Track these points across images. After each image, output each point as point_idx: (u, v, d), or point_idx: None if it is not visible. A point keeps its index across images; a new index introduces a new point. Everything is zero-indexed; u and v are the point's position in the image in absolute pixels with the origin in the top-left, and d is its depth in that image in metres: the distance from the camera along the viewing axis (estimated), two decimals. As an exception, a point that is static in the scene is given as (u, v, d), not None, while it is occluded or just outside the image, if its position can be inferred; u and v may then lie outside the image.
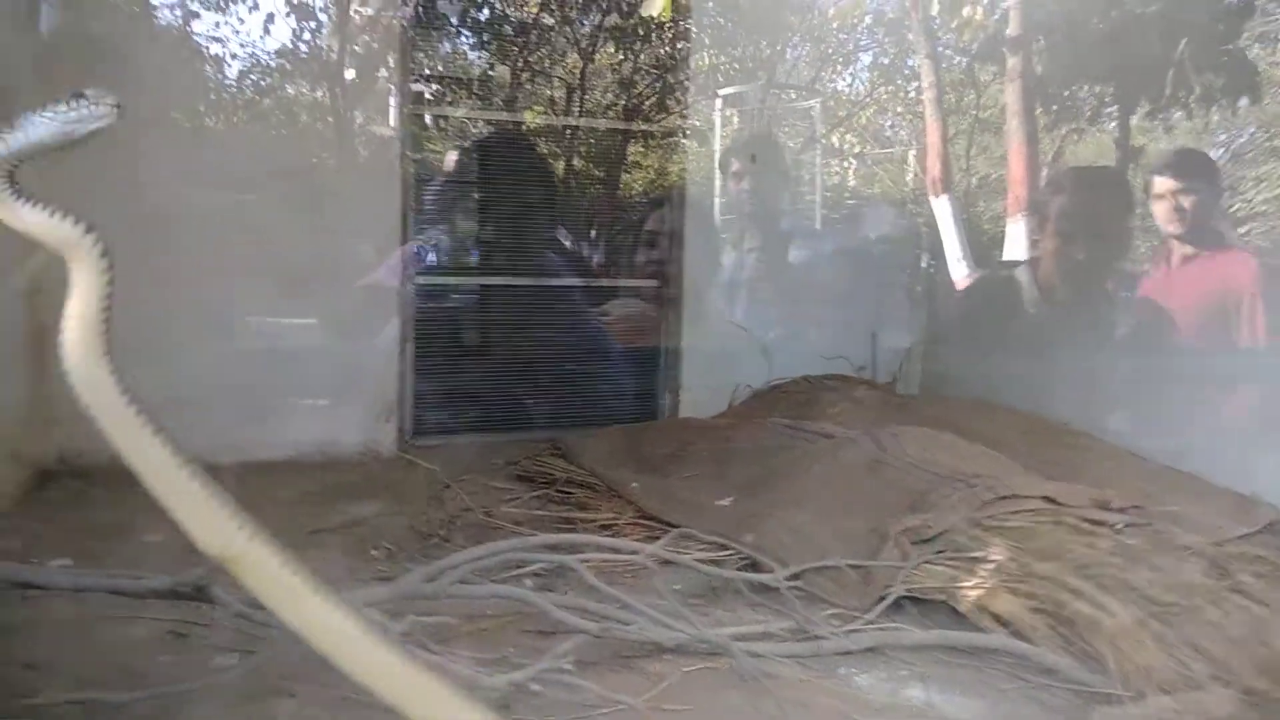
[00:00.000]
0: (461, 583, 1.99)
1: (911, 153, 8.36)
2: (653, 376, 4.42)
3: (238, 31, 4.17)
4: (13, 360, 3.27)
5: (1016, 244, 5.58)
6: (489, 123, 4.84)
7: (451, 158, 4.27)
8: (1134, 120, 6.01)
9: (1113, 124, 6.58)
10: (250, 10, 4.17)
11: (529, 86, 5.09)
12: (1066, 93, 6.90)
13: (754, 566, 2.71)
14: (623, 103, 5.15)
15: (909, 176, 8.45)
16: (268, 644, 2.11)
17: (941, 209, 5.63)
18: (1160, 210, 4.11)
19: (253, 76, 4.51)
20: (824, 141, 7.16)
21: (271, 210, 3.79)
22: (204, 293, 3.61)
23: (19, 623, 2.31)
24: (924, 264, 5.39)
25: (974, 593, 2.43)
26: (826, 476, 3.06)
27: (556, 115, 4.89)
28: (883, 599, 2.49)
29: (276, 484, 3.46)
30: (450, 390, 4.14)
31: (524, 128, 4.66)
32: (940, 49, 6.71)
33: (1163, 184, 4.16)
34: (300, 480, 3.59)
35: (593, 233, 4.47)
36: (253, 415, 3.67)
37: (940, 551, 2.58)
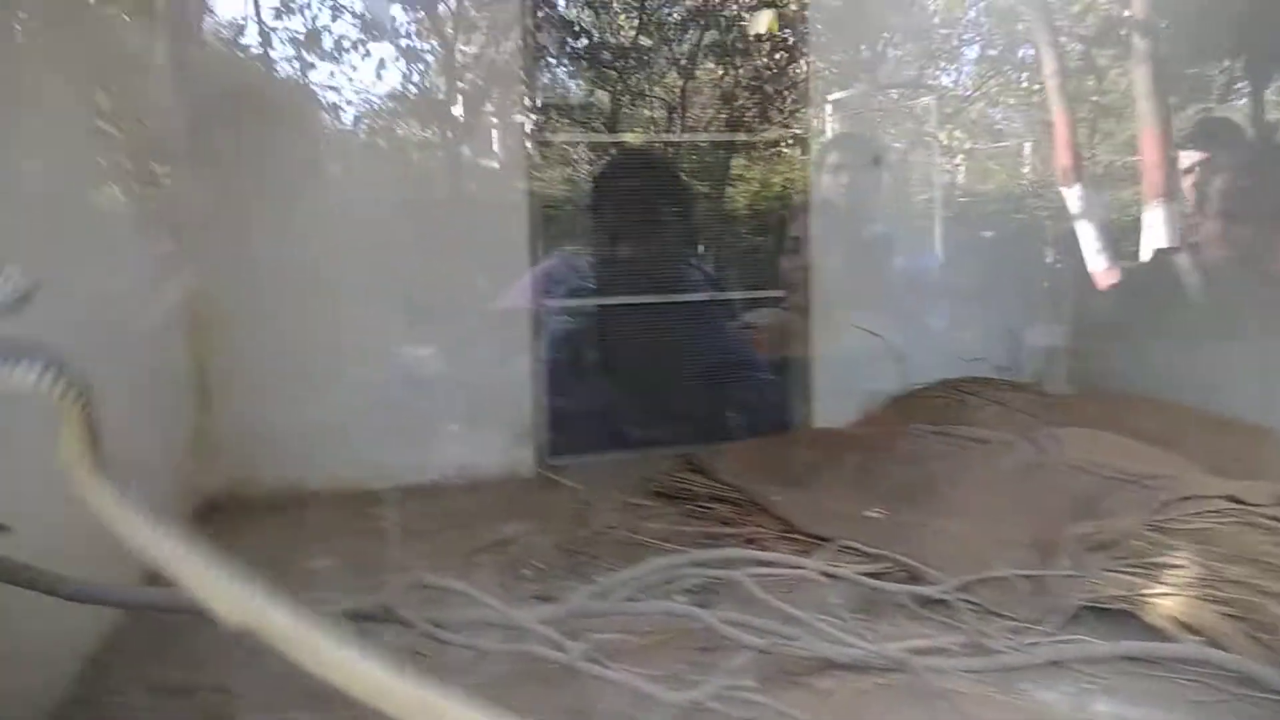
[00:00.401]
0: (629, 600, 1.98)
1: (1028, 144, 8.05)
2: (784, 387, 4.34)
3: (351, 79, 4.33)
4: (177, 394, 3.47)
5: (1157, 230, 5.28)
6: (597, 147, 4.89)
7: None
8: (1268, 94, 5.62)
9: (1244, 100, 6.18)
10: (363, 58, 4.32)
11: (637, 107, 5.11)
12: (1194, 71, 6.52)
13: (912, 579, 2.62)
14: (733, 114, 5.12)
15: (1027, 169, 8.13)
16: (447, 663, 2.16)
17: (1074, 200, 5.38)
18: (1188, 185, 3.83)
19: (374, 120, 4.68)
20: (935, 139, 6.96)
21: (404, 243, 3.92)
22: (345, 325, 3.75)
23: (206, 647, 2.44)
24: (1057, 258, 5.15)
25: (1160, 600, 2.29)
26: (983, 483, 2.94)
27: (669, 131, 4.90)
28: (1058, 610, 2.37)
29: (424, 508, 3.56)
30: (584, 410, 4.17)
31: (644, 146, 4.66)
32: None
33: (1188, 158, 3.90)
34: (445, 503, 3.68)
35: (717, 246, 4.42)
36: (396, 442, 3.78)
37: (1119, 558, 2.43)
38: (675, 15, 5.30)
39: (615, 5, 5.14)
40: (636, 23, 5.33)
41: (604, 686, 1.80)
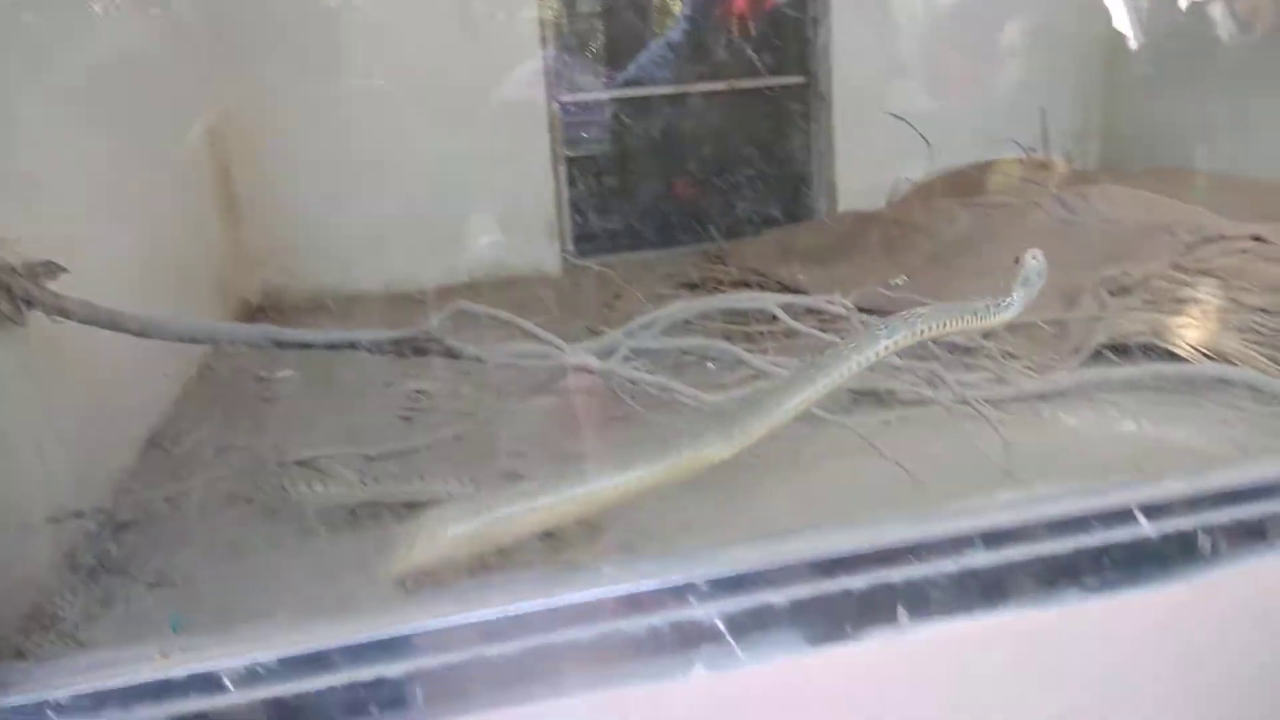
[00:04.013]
0: (664, 334, 2.06)
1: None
2: (806, 178, 4.30)
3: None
4: (207, 202, 3.51)
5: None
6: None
7: None
8: None
9: None
10: None
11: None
12: None
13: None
14: None
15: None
16: (481, 418, 2.28)
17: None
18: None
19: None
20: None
21: (421, 49, 3.86)
22: (372, 139, 3.74)
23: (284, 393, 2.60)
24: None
25: (1182, 330, 2.33)
26: (1007, 244, 2.94)
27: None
28: (1081, 349, 2.42)
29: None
30: (607, 208, 4.17)
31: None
32: None
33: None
34: (479, 299, 3.75)
35: (729, 32, 4.19)
36: (426, 246, 3.83)
37: (1145, 299, 2.47)
38: None
39: None
40: None
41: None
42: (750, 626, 1.15)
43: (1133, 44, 3.99)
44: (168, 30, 3.23)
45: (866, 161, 4.22)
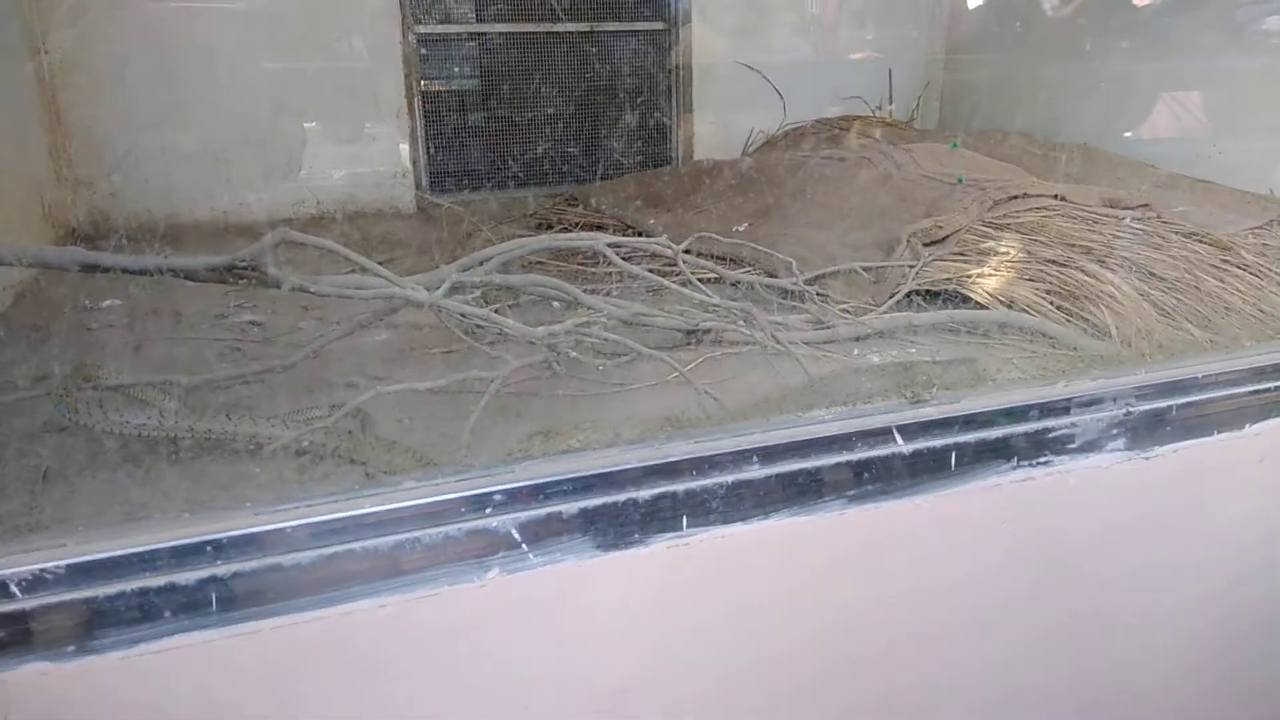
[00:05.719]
0: (502, 272, 2.11)
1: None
2: (665, 125, 4.37)
3: None
4: (29, 123, 3.30)
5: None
6: None
7: None
8: None
9: None
10: None
11: None
12: None
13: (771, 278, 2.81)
14: None
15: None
16: (312, 350, 2.27)
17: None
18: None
19: None
20: None
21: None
22: (214, 57, 3.58)
23: (106, 322, 2.52)
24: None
25: (982, 279, 2.54)
26: (841, 196, 3.11)
27: None
28: (894, 294, 2.60)
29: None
30: (466, 146, 4.13)
31: None
32: None
33: None
34: (328, 234, 3.68)
35: None
36: (273, 175, 3.71)
37: (954, 250, 2.67)
38: None
39: None
40: None
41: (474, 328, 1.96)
42: (543, 534, 1.24)
43: (970, 7, 4.26)
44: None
45: (725, 111, 4.33)
